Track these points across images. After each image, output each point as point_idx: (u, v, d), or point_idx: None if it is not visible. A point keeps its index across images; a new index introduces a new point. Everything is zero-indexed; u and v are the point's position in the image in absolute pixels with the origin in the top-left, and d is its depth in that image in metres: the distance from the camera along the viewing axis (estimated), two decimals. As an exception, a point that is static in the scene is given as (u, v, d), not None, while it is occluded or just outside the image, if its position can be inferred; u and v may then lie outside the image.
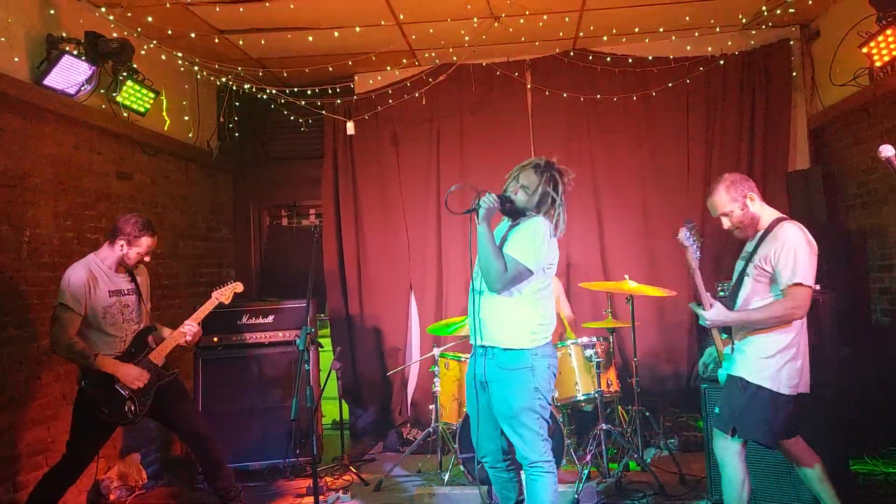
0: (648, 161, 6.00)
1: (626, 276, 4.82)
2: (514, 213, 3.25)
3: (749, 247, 3.29)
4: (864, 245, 5.33)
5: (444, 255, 6.20)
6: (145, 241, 3.85)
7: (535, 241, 3.10)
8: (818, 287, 3.63)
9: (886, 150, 2.74)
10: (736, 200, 3.20)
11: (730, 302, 3.27)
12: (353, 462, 5.22)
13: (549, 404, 3.21)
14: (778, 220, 3.19)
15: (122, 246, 3.82)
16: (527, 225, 3.16)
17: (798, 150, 5.88)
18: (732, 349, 3.24)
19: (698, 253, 3.19)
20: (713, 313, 3.16)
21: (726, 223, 3.27)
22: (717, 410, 3.26)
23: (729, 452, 3.19)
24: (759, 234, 3.21)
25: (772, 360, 3.08)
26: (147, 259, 3.95)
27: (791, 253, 3.03)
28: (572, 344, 4.67)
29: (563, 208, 3.22)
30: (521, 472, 3.28)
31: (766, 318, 3.09)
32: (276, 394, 5.09)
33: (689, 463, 4.75)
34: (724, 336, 3.31)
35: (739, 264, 3.32)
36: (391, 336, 6.28)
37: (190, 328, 4.00)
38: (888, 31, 4.39)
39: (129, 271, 3.96)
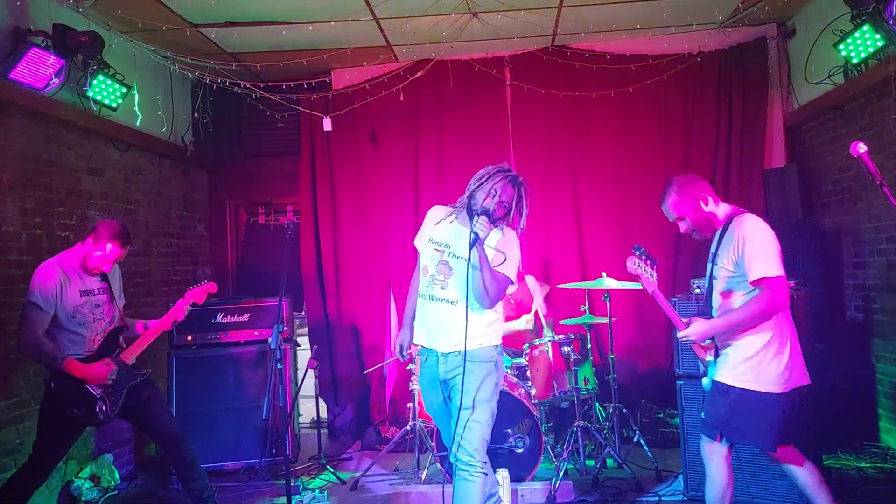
0: (626, 158, 6.00)
1: (604, 273, 4.82)
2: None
3: (713, 247, 3.23)
4: (839, 242, 5.38)
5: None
6: (109, 248, 3.74)
7: (517, 257, 3.24)
8: (793, 283, 3.64)
9: (858, 148, 2.76)
10: (688, 203, 3.14)
11: (705, 307, 3.22)
12: (331, 461, 5.17)
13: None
14: (731, 216, 3.13)
15: (88, 246, 3.75)
16: (509, 242, 3.23)
17: (774, 148, 5.91)
18: (717, 354, 3.16)
19: (654, 276, 3.21)
20: (692, 330, 3.10)
21: (682, 227, 3.21)
22: (702, 415, 3.21)
23: (716, 456, 3.14)
24: (717, 232, 3.17)
25: (753, 361, 3.01)
26: (107, 269, 3.84)
27: (752, 246, 2.96)
28: (549, 341, 4.66)
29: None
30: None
31: (747, 317, 2.99)
32: (251, 393, 5.03)
33: (666, 458, 4.78)
34: (707, 342, 3.21)
35: (708, 267, 3.25)
36: (369, 334, 6.24)
37: (179, 309, 4.01)
38: (862, 29, 4.42)
39: None
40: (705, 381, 3.23)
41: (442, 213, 3.36)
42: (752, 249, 2.95)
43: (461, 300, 3.13)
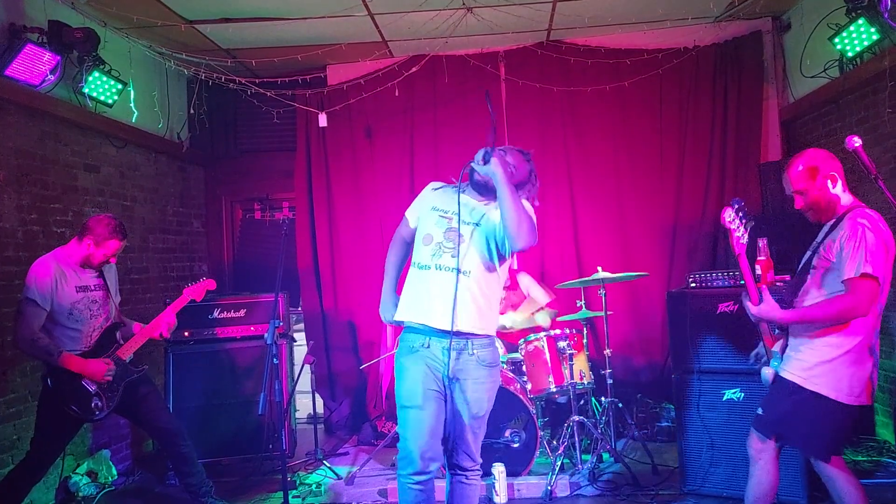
0: (622, 152, 6.00)
1: (599, 268, 4.83)
2: (485, 189, 3.01)
3: (819, 236, 2.95)
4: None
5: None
6: (113, 245, 3.81)
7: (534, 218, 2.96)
8: (788, 277, 3.55)
9: (854, 142, 2.75)
10: (816, 178, 2.85)
11: (790, 295, 2.97)
12: (327, 456, 5.19)
13: None
14: (852, 207, 2.84)
15: (89, 245, 3.77)
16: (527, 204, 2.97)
17: (770, 142, 5.91)
18: (786, 347, 2.95)
19: (745, 237, 2.90)
20: (763, 308, 2.87)
21: (800, 201, 2.91)
22: (759, 412, 2.99)
23: (765, 456, 2.95)
24: (832, 221, 2.87)
25: (832, 365, 2.76)
26: (113, 261, 3.89)
27: (856, 241, 2.69)
28: (545, 335, 4.67)
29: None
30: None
31: (823, 316, 2.76)
32: (248, 388, 5.04)
33: (662, 453, 4.79)
34: (777, 332, 3.00)
35: (807, 255, 2.98)
36: (365, 329, 6.25)
37: (165, 320, 3.99)
38: (858, 23, 4.42)
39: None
40: (766, 372, 2.99)
41: (445, 186, 3.14)
42: (859, 245, 2.69)
43: (474, 271, 2.91)
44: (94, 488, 4.67)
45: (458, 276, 2.87)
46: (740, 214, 2.90)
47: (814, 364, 2.80)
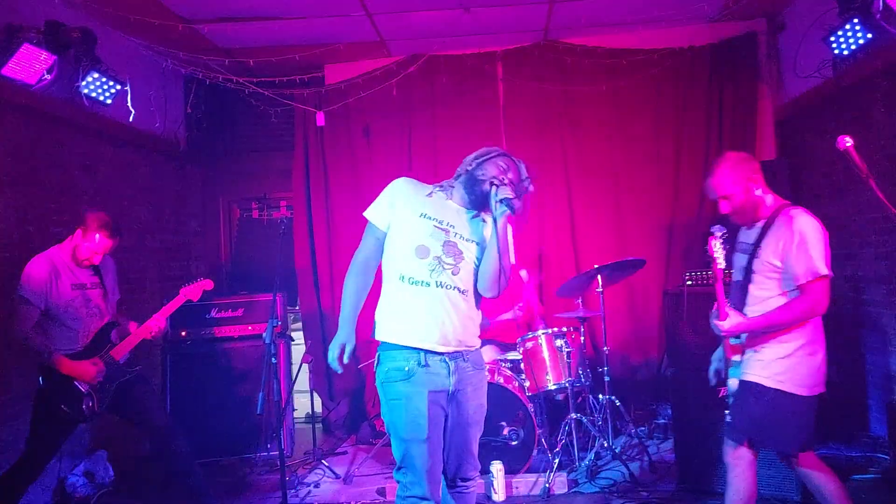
0: (618, 151, 6.04)
1: (596, 266, 4.85)
2: (480, 203, 2.80)
3: (748, 237, 3.03)
4: (830, 234, 5.39)
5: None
6: (99, 240, 3.74)
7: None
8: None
9: (845, 142, 2.78)
10: (738, 182, 2.91)
11: (737, 301, 3.02)
12: (326, 455, 5.19)
13: None
14: (778, 207, 2.95)
15: (78, 236, 3.75)
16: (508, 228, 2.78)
17: (764, 142, 5.95)
18: (743, 354, 2.99)
19: (723, 261, 2.97)
20: (729, 322, 2.91)
21: (725, 206, 2.98)
22: (728, 419, 3.01)
23: (742, 462, 2.93)
24: (762, 223, 2.96)
25: (791, 360, 2.85)
26: (96, 260, 3.83)
27: (802, 245, 2.79)
28: (543, 334, 4.69)
29: None
30: None
31: (789, 319, 2.83)
32: (246, 388, 5.04)
33: (659, 450, 4.81)
34: (735, 341, 3.04)
35: (741, 258, 3.04)
36: (363, 328, 6.19)
37: (156, 324, 3.95)
38: (851, 23, 4.45)
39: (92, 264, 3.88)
40: (731, 382, 3.03)
41: (423, 186, 2.88)
42: (806, 248, 2.79)
43: (470, 290, 2.76)
44: (91, 489, 4.64)
45: (460, 297, 2.71)
46: (724, 242, 2.98)
47: (774, 360, 2.87)
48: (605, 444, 4.60)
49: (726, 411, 3.04)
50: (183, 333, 5.05)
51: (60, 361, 3.62)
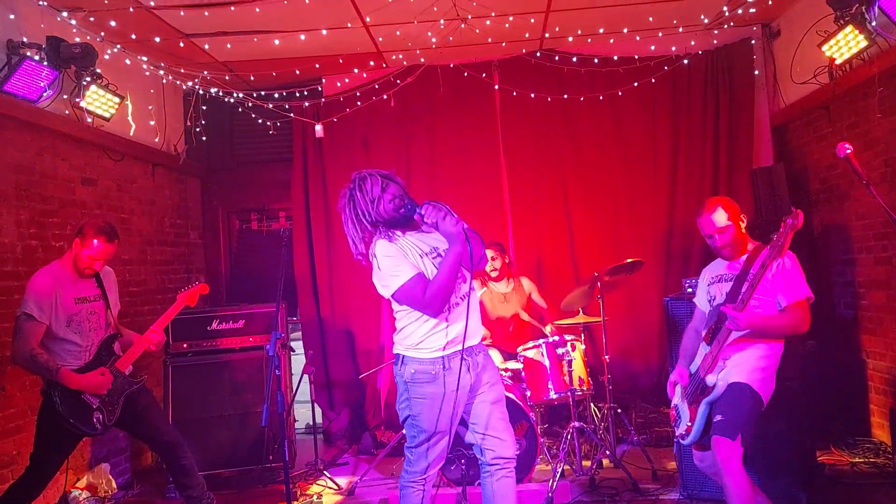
0: (616, 160, 6.06)
1: (596, 274, 4.86)
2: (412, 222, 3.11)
3: (721, 269, 3.45)
4: (828, 240, 5.44)
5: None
6: (97, 245, 3.71)
7: None
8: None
9: (845, 149, 2.82)
10: (732, 220, 3.33)
11: (714, 322, 3.28)
12: (327, 467, 5.19)
13: None
14: (757, 245, 3.34)
15: (77, 244, 3.72)
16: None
17: (761, 148, 5.97)
18: (724, 367, 3.19)
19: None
20: (744, 316, 3.09)
21: (721, 239, 3.35)
22: (718, 418, 3.10)
23: (734, 460, 3.02)
24: (744, 258, 3.30)
25: (766, 371, 3.19)
26: (98, 267, 3.81)
27: (787, 274, 3.18)
28: (544, 342, 4.69)
29: None
30: None
31: (785, 325, 3.17)
32: (248, 399, 5.04)
33: (661, 458, 4.81)
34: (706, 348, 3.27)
35: (727, 286, 3.30)
36: (363, 338, 6.26)
37: (155, 335, 3.96)
38: (846, 30, 4.49)
39: (94, 276, 3.88)
40: (719, 386, 3.17)
41: (391, 237, 3.10)
42: (791, 276, 3.19)
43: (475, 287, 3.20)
44: (93, 502, 4.65)
45: (469, 295, 3.02)
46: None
47: (755, 368, 3.18)
48: (608, 453, 4.60)
49: (718, 415, 3.13)
50: (185, 345, 5.05)
51: (68, 376, 3.60)
